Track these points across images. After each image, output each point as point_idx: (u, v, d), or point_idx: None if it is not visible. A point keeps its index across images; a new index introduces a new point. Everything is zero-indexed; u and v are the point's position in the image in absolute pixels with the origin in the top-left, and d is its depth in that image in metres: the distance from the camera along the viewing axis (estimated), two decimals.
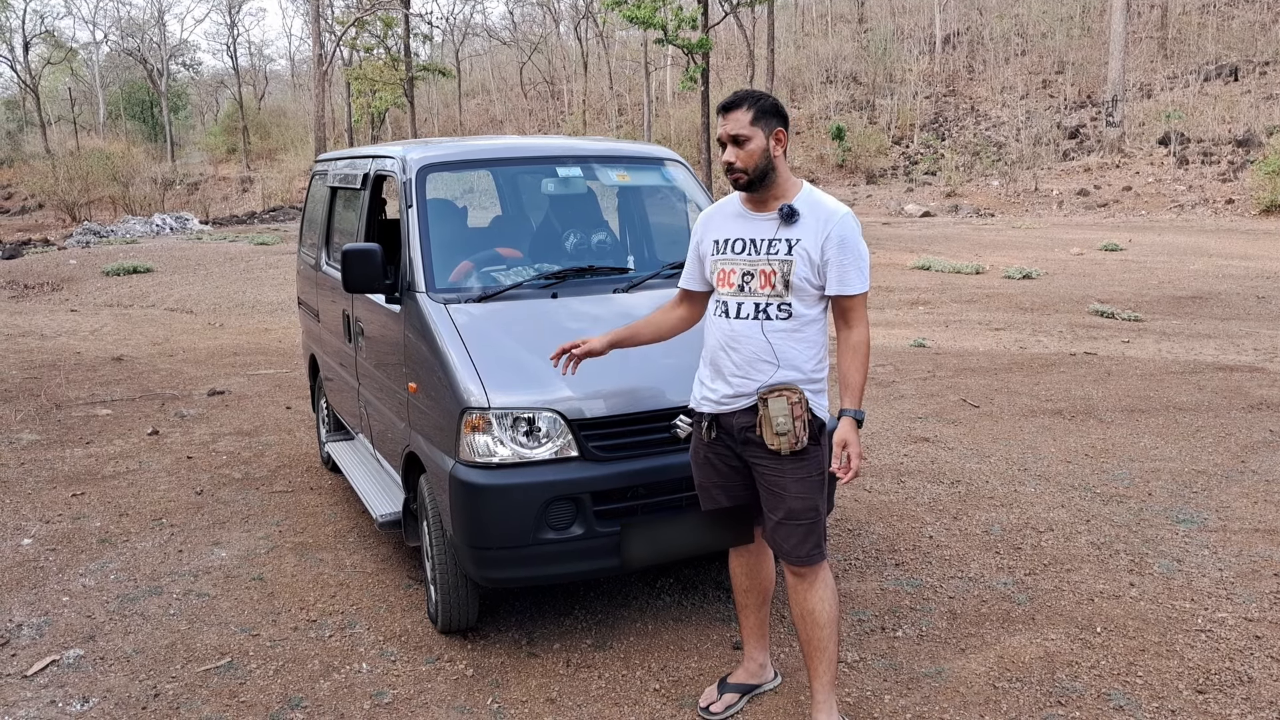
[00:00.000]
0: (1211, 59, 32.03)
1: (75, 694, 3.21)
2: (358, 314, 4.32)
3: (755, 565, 3.05)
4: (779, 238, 2.74)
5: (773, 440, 2.70)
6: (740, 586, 3.08)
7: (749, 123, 2.70)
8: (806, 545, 2.78)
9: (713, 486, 2.93)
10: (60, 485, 5.35)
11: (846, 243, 2.70)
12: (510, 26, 61.75)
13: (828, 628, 2.83)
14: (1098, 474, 5.18)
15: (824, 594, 2.83)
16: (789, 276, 2.72)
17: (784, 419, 2.68)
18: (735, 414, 2.80)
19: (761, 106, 2.72)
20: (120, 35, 60.64)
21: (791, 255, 2.72)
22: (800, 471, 2.75)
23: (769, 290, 2.74)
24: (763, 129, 2.71)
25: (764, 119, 2.71)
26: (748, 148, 2.71)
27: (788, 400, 2.69)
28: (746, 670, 3.13)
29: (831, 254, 2.70)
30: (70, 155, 39.86)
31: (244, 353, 9.32)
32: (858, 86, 39.86)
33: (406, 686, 3.22)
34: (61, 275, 14.97)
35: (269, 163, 45.90)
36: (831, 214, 2.73)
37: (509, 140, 4.63)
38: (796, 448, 2.70)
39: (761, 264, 2.75)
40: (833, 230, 2.70)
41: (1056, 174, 27.64)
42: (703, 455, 2.92)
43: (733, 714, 3.04)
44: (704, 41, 26.00)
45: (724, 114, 2.74)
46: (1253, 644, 3.36)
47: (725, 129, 2.74)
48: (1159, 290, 12.05)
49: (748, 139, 2.71)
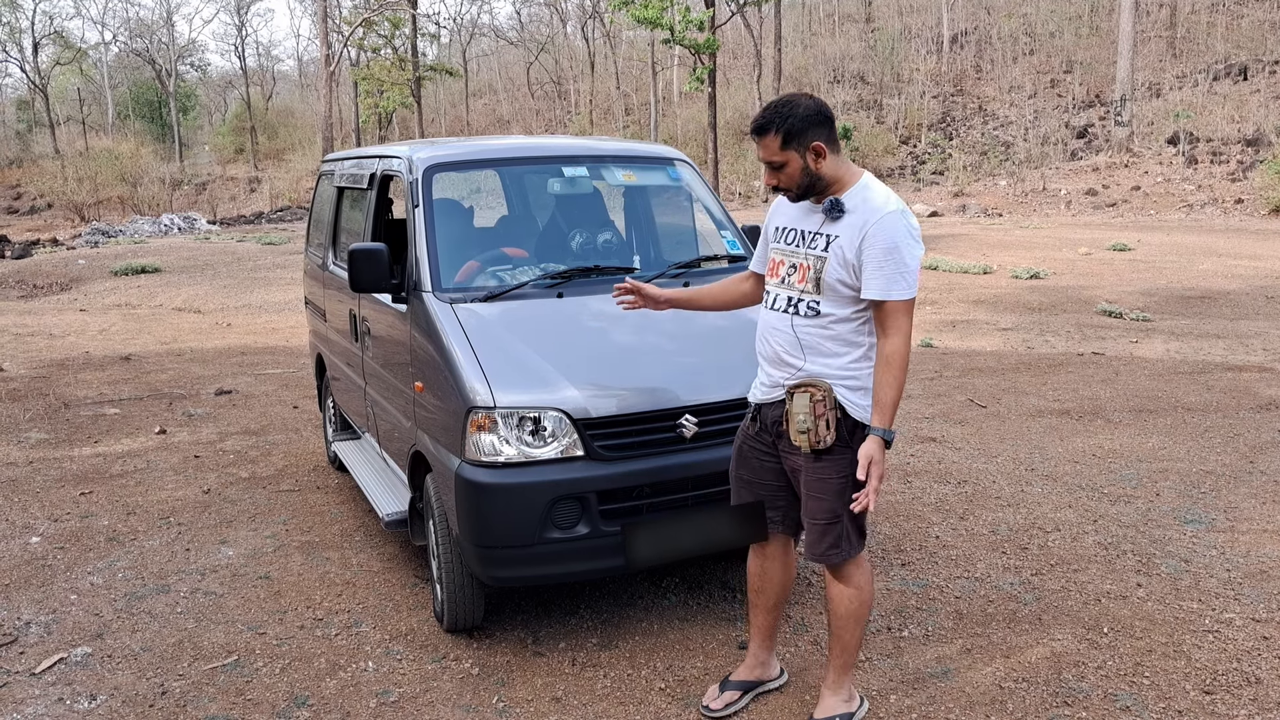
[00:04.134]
0: (1221, 58, 31.87)
1: (83, 691, 3.23)
2: (364, 314, 4.33)
3: (770, 569, 3.03)
4: (821, 232, 2.66)
5: (795, 437, 2.68)
6: (753, 586, 3.09)
7: (779, 149, 2.60)
8: (823, 545, 2.77)
9: (742, 480, 2.96)
10: (68, 484, 5.38)
11: (885, 245, 2.54)
12: (517, 26, 61.86)
13: (847, 620, 2.85)
14: (1105, 474, 5.17)
15: (846, 591, 2.84)
16: (820, 275, 2.64)
17: (804, 415, 2.63)
18: (771, 405, 2.81)
19: (790, 129, 2.57)
20: (129, 36, 60.93)
21: (826, 253, 2.63)
22: (820, 472, 2.70)
23: (802, 286, 2.69)
24: (796, 150, 2.59)
25: (795, 140, 2.58)
26: (786, 170, 2.63)
27: (811, 397, 2.63)
28: (749, 667, 3.13)
29: (869, 256, 2.56)
30: (79, 155, 40.06)
31: (251, 352, 9.35)
32: (865, 86, 39.79)
33: (412, 685, 3.23)
34: (70, 275, 15.04)
35: (276, 163, 46.02)
36: (873, 213, 2.57)
37: (515, 140, 4.63)
38: (819, 446, 2.65)
39: (801, 257, 2.70)
40: (870, 230, 2.55)
41: (1064, 174, 27.54)
42: (743, 446, 2.94)
43: (734, 711, 3.03)
44: (711, 42, 25.97)
45: (756, 138, 2.63)
46: (1260, 645, 3.34)
47: (760, 154, 2.66)
48: (1167, 290, 12.00)
49: (784, 163, 2.62)
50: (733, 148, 34.97)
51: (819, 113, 2.60)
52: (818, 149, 2.60)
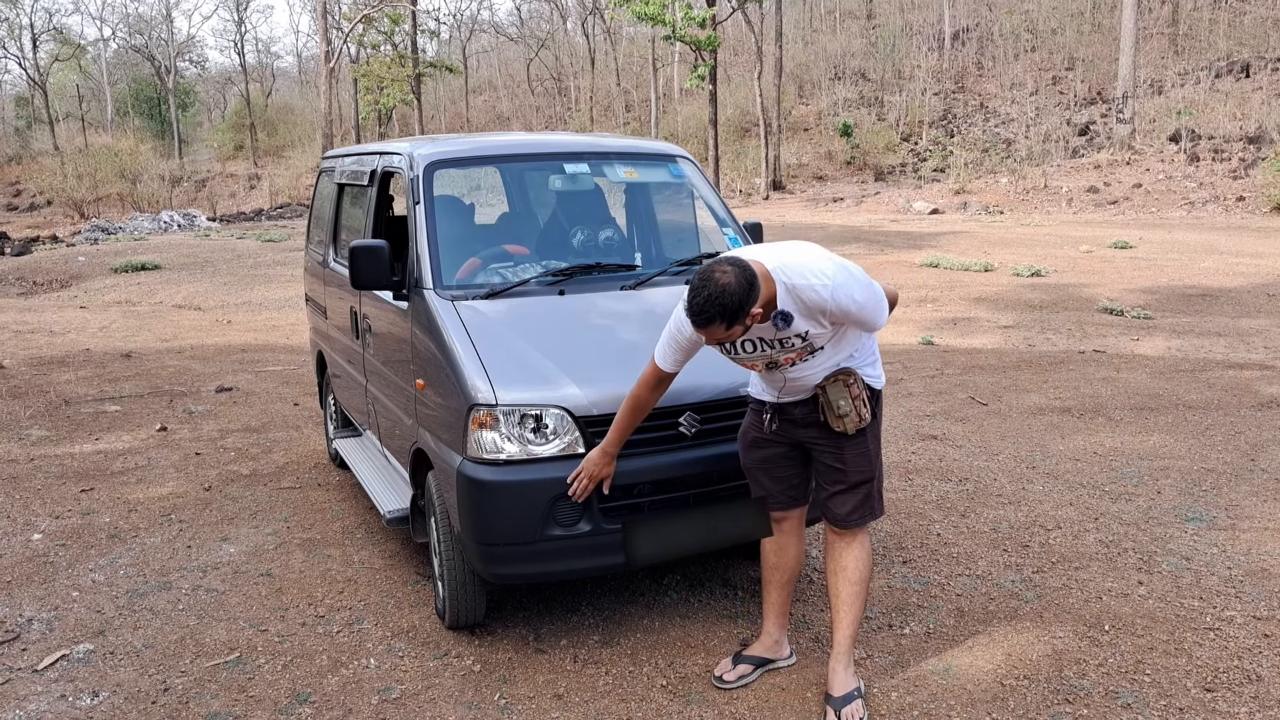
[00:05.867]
0: (1223, 55, 31.83)
1: (85, 688, 3.23)
2: (365, 311, 4.33)
3: (786, 544, 3.17)
4: (787, 335, 2.76)
5: (838, 424, 2.85)
6: (768, 563, 3.19)
7: (724, 330, 2.60)
8: (859, 511, 2.96)
9: (760, 470, 3.08)
10: (69, 481, 5.38)
11: (847, 309, 2.68)
12: (517, 23, 61.81)
13: (858, 585, 2.99)
14: (1106, 472, 5.17)
15: (860, 554, 2.99)
16: (815, 347, 2.79)
17: (844, 402, 2.82)
18: (796, 404, 2.94)
19: (731, 315, 2.55)
20: (128, 32, 60.91)
21: (808, 340, 2.77)
22: (859, 447, 2.92)
23: (801, 359, 2.84)
24: (740, 325, 2.60)
25: (738, 318, 2.57)
26: (729, 336, 2.65)
27: (844, 384, 2.82)
28: (763, 644, 3.22)
29: (842, 319, 2.72)
30: (78, 152, 39.97)
31: (252, 349, 9.35)
32: (866, 83, 39.75)
33: (414, 682, 3.23)
34: (70, 272, 15.04)
35: (276, 160, 45.99)
36: (816, 300, 2.64)
37: (516, 136, 4.63)
38: (861, 425, 2.86)
39: (783, 353, 2.81)
40: (828, 309, 2.67)
41: (1066, 171, 27.51)
42: (756, 439, 3.06)
43: (745, 684, 3.13)
44: (712, 39, 25.93)
45: (699, 329, 2.61)
46: (1261, 642, 3.34)
47: (706, 339, 2.68)
48: (1169, 288, 11.99)
49: (730, 336, 2.65)
50: (734, 145, 34.95)
51: (747, 284, 2.55)
52: (755, 313, 2.61)
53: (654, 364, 2.93)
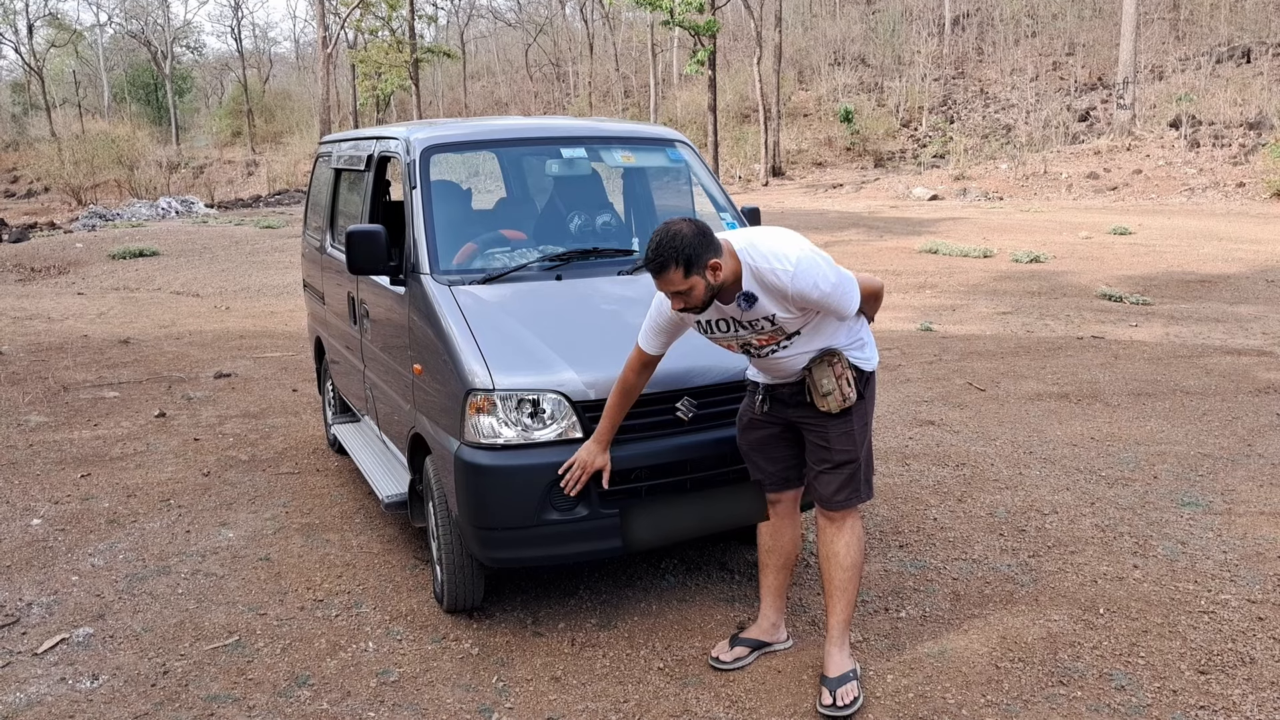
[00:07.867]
0: (1224, 41, 31.69)
1: (85, 671, 3.25)
2: (363, 296, 4.32)
3: (781, 527, 3.20)
4: (755, 318, 2.78)
5: (822, 403, 2.87)
6: (764, 546, 3.23)
7: (683, 279, 2.62)
8: (844, 492, 2.97)
9: (755, 451, 3.11)
10: (68, 466, 5.39)
11: (812, 293, 2.68)
12: (515, 8, 61.46)
13: (850, 570, 3.01)
14: (1103, 457, 5.18)
15: (850, 539, 3.01)
16: (787, 331, 2.81)
17: (827, 381, 2.84)
18: (784, 385, 2.97)
19: (687, 260, 2.59)
20: (124, 17, 60.56)
21: (776, 324, 2.79)
22: (843, 426, 2.93)
23: (774, 343, 2.86)
24: (697, 274, 2.62)
25: (695, 266, 2.61)
26: (693, 294, 2.66)
27: (828, 363, 2.84)
28: (760, 628, 3.25)
29: (808, 303, 2.72)
30: (75, 138, 39.81)
31: (250, 335, 9.35)
32: (866, 69, 39.57)
33: (412, 665, 3.25)
34: (68, 259, 15.01)
35: (274, 146, 45.82)
36: (780, 283, 2.66)
37: (514, 121, 4.61)
38: (846, 405, 2.88)
39: (754, 335, 2.84)
40: (791, 293, 2.68)
41: (1066, 157, 27.43)
42: (751, 422, 3.10)
43: (741, 666, 3.16)
44: (711, 24, 25.81)
45: (656, 277, 2.65)
46: (1255, 625, 3.36)
47: (663, 289, 2.69)
48: (1167, 274, 11.99)
49: (689, 289, 2.65)
50: (733, 131, 34.83)
51: (702, 233, 2.63)
52: (714, 265, 2.63)
53: (638, 348, 2.97)
